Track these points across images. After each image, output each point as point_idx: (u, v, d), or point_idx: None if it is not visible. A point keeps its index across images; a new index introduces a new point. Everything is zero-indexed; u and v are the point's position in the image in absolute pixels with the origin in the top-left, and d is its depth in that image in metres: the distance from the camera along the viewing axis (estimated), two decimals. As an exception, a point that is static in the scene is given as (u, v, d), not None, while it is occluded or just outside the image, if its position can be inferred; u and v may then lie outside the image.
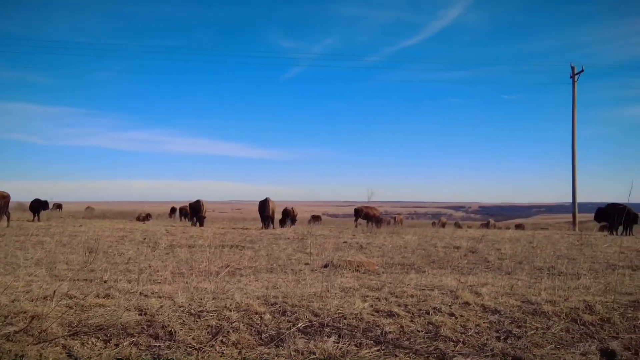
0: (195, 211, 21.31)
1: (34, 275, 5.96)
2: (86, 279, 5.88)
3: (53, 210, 27.95)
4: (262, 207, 19.89)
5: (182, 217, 28.38)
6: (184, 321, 3.87)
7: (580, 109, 28.48)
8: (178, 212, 30.51)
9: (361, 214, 23.24)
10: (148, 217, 27.79)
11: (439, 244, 11.70)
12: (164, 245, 10.60)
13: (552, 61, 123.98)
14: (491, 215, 75.01)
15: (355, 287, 5.26)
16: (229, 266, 7.27)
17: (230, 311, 4.12)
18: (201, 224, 20.16)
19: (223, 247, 10.60)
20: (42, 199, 20.81)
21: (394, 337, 3.75)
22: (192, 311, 4.09)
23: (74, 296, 4.47)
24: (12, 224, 16.47)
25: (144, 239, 12.32)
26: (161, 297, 4.56)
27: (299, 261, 8.40)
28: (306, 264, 8.01)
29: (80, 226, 16.25)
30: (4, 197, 16.71)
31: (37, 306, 4.01)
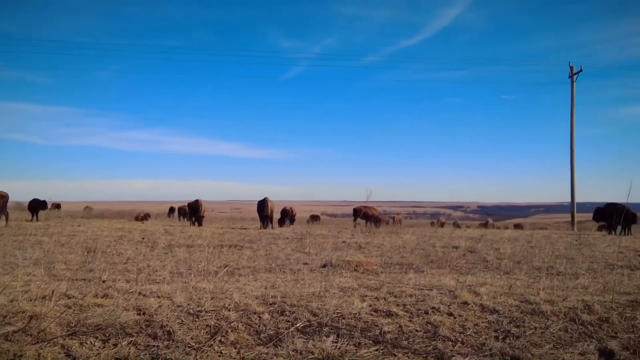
0: (194, 211, 21.30)
1: (32, 275, 5.95)
2: (85, 279, 5.88)
3: (51, 210, 27.88)
4: (261, 206, 19.89)
5: (181, 217, 28.34)
6: (182, 321, 3.87)
7: (579, 108, 28.52)
8: (177, 211, 30.47)
9: (360, 213, 23.24)
10: (147, 216, 27.76)
11: (437, 243, 11.70)
12: (162, 245, 10.59)
13: (551, 61, 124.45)
14: (490, 215, 74.98)
15: (353, 287, 5.26)
16: (227, 266, 7.27)
17: (229, 311, 4.11)
18: (200, 224, 20.15)
19: (222, 246, 10.59)
20: (41, 198, 20.81)
21: (392, 337, 3.75)
22: (190, 311, 4.09)
23: (72, 296, 4.47)
24: (10, 223, 16.45)
25: (143, 238, 12.30)
26: (160, 296, 4.55)
27: (297, 261, 8.40)
28: (305, 263, 8.01)
29: (79, 226, 16.23)
30: (3, 196, 16.69)
31: (35, 306, 4.00)
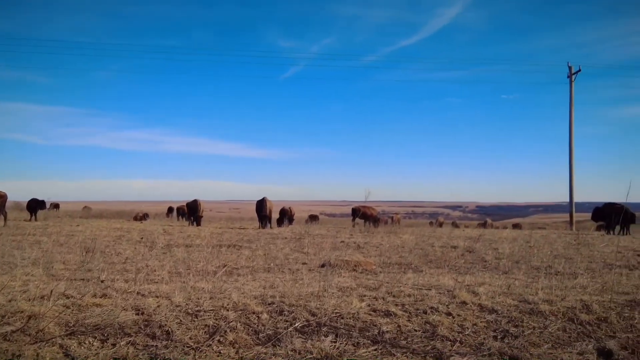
0: (193, 211, 21.28)
1: (31, 274, 5.94)
2: (83, 279, 5.87)
3: (50, 209, 27.85)
4: (260, 206, 19.89)
5: (180, 217, 28.31)
6: (181, 321, 3.87)
7: (578, 108, 28.55)
8: (175, 211, 30.44)
9: (359, 213, 23.25)
10: (145, 216, 27.74)
11: (436, 243, 11.71)
12: (161, 245, 10.58)
13: (550, 61, 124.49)
14: (488, 215, 75.07)
15: (352, 287, 5.26)
16: (226, 266, 7.27)
17: (228, 311, 4.11)
18: (198, 224, 20.13)
19: (220, 246, 10.58)
20: (40, 198, 20.80)
21: (391, 337, 3.76)
22: (189, 311, 4.09)
23: (71, 296, 4.46)
24: (9, 223, 16.43)
25: (141, 238, 12.29)
26: (158, 296, 4.55)
27: (296, 261, 8.39)
28: (303, 263, 8.00)
29: (78, 226, 16.21)
30: (1, 196, 16.67)
31: (34, 306, 4.00)
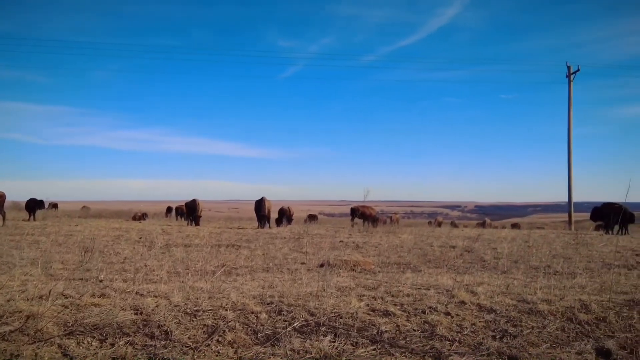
0: (191, 210, 21.27)
1: (29, 274, 5.93)
2: (82, 279, 5.87)
3: (49, 209, 27.83)
4: (258, 206, 19.88)
5: (178, 217, 28.30)
6: (179, 320, 3.86)
7: (577, 108, 28.59)
8: (174, 211, 30.42)
9: (357, 213, 23.25)
10: (144, 216, 27.73)
11: (435, 243, 11.71)
12: (160, 245, 10.56)
13: (549, 60, 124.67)
14: (487, 215, 75.12)
15: (351, 287, 5.26)
16: (225, 265, 7.26)
17: (226, 310, 4.11)
18: (197, 224, 20.12)
19: (219, 246, 10.58)
20: (38, 198, 20.77)
21: (390, 337, 3.76)
22: (188, 310, 4.08)
23: (69, 295, 4.46)
24: (7, 223, 16.39)
25: (140, 238, 12.28)
26: (157, 296, 4.55)
27: (295, 260, 8.39)
28: (302, 263, 8.00)
29: (76, 225, 16.20)
30: (0, 196, 16.64)
31: (32, 305, 3.99)
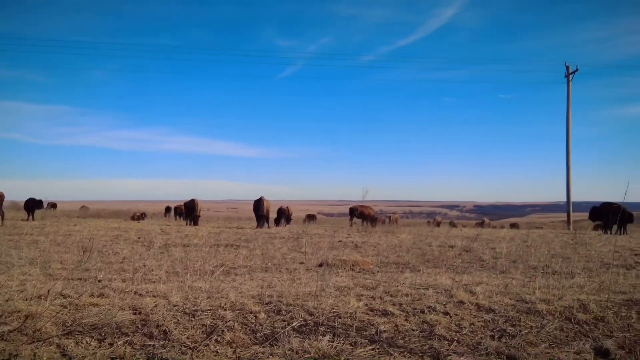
0: (190, 210, 21.25)
1: (28, 274, 5.93)
2: (80, 278, 5.86)
3: (47, 209, 27.81)
4: (257, 206, 19.87)
5: (177, 216, 28.29)
6: (178, 320, 3.86)
7: (575, 108, 28.62)
8: (173, 211, 30.41)
9: (356, 213, 23.25)
10: (143, 216, 27.69)
11: (433, 243, 11.72)
12: (158, 245, 10.56)
13: (547, 60, 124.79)
14: (486, 215, 75.28)
15: (350, 286, 5.26)
16: (223, 265, 7.26)
17: (225, 310, 4.11)
18: (196, 223, 20.11)
19: (218, 246, 10.58)
20: (37, 198, 20.73)
21: (388, 336, 3.76)
22: (186, 310, 4.08)
23: (68, 295, 4.46)
24: (6, 222, 16.38)
25: (139, 238, 12.27)
26: (156, 296, 4.55)
27: (293, 260, 8.39)
28: (301, 263, 8.00)
29: (75, 225, 16.18)
30: (-2, 196, 16.62)
31: (31, 305, 3.99)
